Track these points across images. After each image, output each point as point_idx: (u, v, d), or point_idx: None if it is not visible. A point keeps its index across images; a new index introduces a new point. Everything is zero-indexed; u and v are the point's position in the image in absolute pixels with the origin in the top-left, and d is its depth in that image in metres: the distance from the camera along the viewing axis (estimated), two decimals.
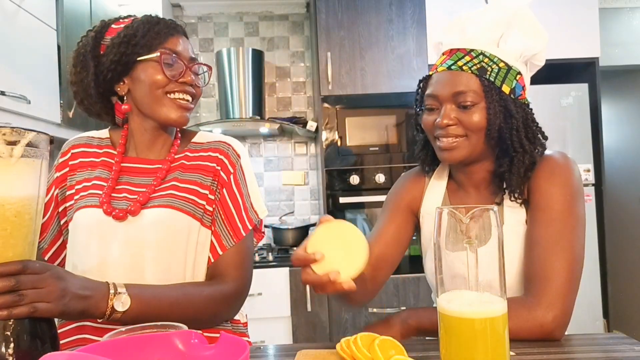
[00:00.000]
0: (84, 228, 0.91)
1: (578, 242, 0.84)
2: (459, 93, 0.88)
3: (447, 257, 0.62)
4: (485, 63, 0.89)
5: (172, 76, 0.92)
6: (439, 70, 0.93)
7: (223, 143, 1.01)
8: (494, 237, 0.59)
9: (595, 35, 2.64)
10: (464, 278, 0.60)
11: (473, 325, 0.57)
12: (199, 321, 0.88)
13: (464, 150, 0.91)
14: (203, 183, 0.96)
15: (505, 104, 0.89)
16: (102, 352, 0.56)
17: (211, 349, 0.60)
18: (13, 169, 0.60)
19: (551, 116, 2.58)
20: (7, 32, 1.50)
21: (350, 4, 2.60)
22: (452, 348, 0.59)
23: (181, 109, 0.94)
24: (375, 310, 2.49)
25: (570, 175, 0.89)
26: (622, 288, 3.27)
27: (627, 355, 0.71)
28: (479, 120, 0.88)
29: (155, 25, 0.93)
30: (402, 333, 0.85)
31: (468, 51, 0.91)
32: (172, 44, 0.94)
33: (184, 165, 0.97)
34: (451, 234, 0.61)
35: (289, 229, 2.79)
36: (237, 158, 0.99)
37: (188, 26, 3.14)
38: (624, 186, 3.52)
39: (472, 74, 0.89)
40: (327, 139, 2.60)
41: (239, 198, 0.97)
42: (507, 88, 0.90)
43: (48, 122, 1.75)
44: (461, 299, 0.60)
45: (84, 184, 0.96)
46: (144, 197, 0.91)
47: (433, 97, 0.92)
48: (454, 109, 0.90)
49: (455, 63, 0.90)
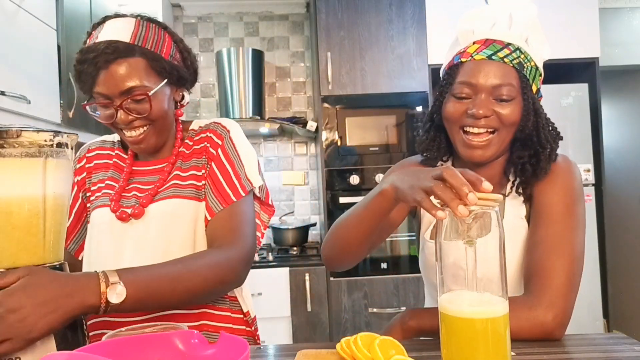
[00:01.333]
0: (97, 227, 0.95)
1: (578, 243, 0.85)
2: (500, 85, 0.86)
3: (448, 257, 0.62)
4: (522, 59, 0.88)
5: (111, 121, 0.89)
6: (476, 59, 0.88)
7: (213, 123, 1.01)
8: (495, 237, 0.59)
9: (595, 35, 2.64)
10: (464, 278, 0.59)
11: (474, 326, 0.57)
12: (207, 292, 0.85)
13: (495, 148, 0.88)
14: (198, 165, 0.96)
15: (534, 102, 0.90)
16: (102, 352, 0.56)
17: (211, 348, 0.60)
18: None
19: (551, 116, 2.53)
20: (7, 32, 1.50)
21: (350, 4, 2.60)
22: (453, 348, 0.59)
23: (133, 143, 0.92)
24: (376, 310, 2.49)
25: (572, 178, 0.90)
26: (622, 288, 3.27)
27: (627, 355, 0.71)
28: (515, 115, 0.87)
29: (84, 64, 0.86)
30: (402, 333, 0.85)
31: (506, 44, 0.88)
32: (100, 85, 0.86)
33: (184, 154, 0.98)
34: (452, 234, 0.61)
35: (289, 229, 2.79)
36: (225, 131, 0.98)
37: (188, 26, 3.15)
38: (624, 186, 3.52)
39: (513, 67, 0.87)
40: (327, 139, 2.60)
41: (229, 167, 0.95)
42: (535, 87, 0.91)
43: (48, 122, 1.75)
44: (462, 299, 0.60)
45: (98, 185, 1.00)
46: (147, 198, 0.93)
47: (469, 85, 0.87)
48: (491, 100, 0.87)
49: (495, 54, 0.87)
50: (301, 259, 2.60)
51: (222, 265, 0.85)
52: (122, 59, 0.86)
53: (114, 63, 0.85)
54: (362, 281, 2.51)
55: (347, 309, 2.50)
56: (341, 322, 2.50)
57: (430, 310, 0.87)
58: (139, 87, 0.87)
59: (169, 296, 0.79)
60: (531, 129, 0.90)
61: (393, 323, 0.88)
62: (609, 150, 3.08)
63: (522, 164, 0.91)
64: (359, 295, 2.50)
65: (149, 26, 0.92)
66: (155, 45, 0.91)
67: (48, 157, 0.64)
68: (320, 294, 2.50)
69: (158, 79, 0.90)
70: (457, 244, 0.61)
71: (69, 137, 0.67)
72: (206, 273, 0.83)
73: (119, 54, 0.85)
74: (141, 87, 0.87)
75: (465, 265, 0.59)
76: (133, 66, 0.86)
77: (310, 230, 2.94)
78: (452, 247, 0.62)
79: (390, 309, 2.48)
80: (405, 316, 0.87)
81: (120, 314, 0.85)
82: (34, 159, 0.63)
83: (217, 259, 0.85)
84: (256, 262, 2.51)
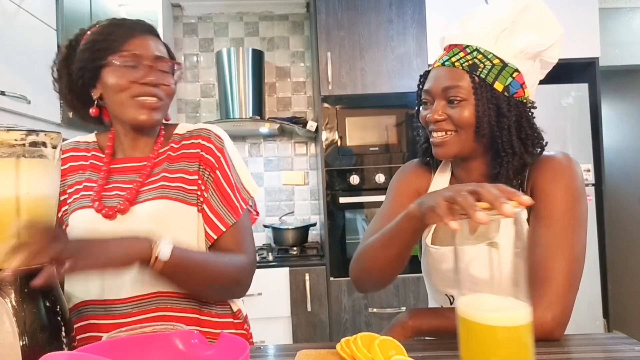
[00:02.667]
0: (81, 229, 0.93)
1: (579, 243, 0.84)
2: (447, 88, 0.90)
3: (466, 259, 0.60)
4: (477, 59, 0.88)
5: (134, 79, 0.91)
6: (435, 66, 0.95)
7: (203, 129, 1.02)
8: (517, 237, 0.57)
9: (595, 35, 2.64)
10: (484, 281, 0.57)
11: (495, 333, 0.54)
12: (224, 286, 0.93)
13: (454, 146, 0.92)
14: (189, 170, 0.97)
15: (497, 101, 0.88)
16: (102, 352, 0.56)
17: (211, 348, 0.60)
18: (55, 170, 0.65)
19: (551, 116, 2.58)
20: (7, 32, 1.50)
21: (350, 4, 2.60)
22: (472, 353, 0.57)
23: (147, 109, 0.93)
24: (376, 310, 2.49)
25: (573, 177, 0.88)
26: (622, 288, 3.27)
27: (627, 355, 0.71)
28: (467, 116, 0.89)
29: (117, 27, 0.94)
30: (403, 333, 0.85)
31: (464, 47, 0.91)
32: (134, 45, 0.92)
33: (170, 157, 0.99)
34: (471, 235, 0.59)
35: (289, 229, 2.79)
36: (220, 142, 1.01)
37: (188, 26, 3.14)
38: (624, 186, 3.52)
39: (462, 70, 0.89)
40: (327, 139, 2.60)
41: (232, 178, 0.99)
42: (500, 85, 0.89)
43: (48, 122, 1.75)
44: (482, 303, 0.57)
45: (75, 187, 0.98)
46: (132, 194, 0.92)
47: (427, 92, 0.94)
48: (444, 104, 0.91)
49: (449, 59, 0.92)
50: (301, 259, 2.60)
51: (239, 269, 0.94)
52: (155, 36, 0.98)
53: (150, 34, 0.97)
54: None
55: (347, 309, 2.50)
56: (341, 322, 2.50)
57: (430, 311, 0.87)
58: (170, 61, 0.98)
59: (199, 276, 0.87)
60: (495, 129, 0.89)
61: (393, 323, 0.88)
62: (609, 150, 3.08)
63: (494, 174, 0.91)
64: (359, 295, 2.50)
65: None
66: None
67: (20, 157, 0.61)
68: (320, 294, 2.50)
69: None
70: (476, 245, 0.59)
71: (48, 135, 0.64)
72: (227, 268, 0.92)
73: (154, 32, 0.99)
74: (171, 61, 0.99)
75: (486, 267, 0.57)
76: (162, 45, 0.99)
77: (310, 230, 2.94)
78: (470, 249, 0.60)
79: (390, 309, 2.48)
80: (405, 316, 0.87)
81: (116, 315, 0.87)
82: (3, 160, 0.60)
83: (239, 262, 0.94)
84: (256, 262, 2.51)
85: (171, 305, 0.90)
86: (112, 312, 0.88)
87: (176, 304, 0.91)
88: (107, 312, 0.89)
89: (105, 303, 0.89)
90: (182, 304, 0.92)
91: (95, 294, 0.90)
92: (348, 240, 2.57)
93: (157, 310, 0.89)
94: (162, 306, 0.90)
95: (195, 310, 0.93)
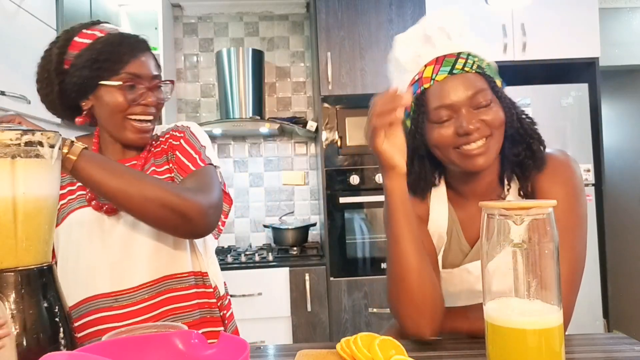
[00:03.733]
0: (84, 227, 0.95)
1: (579, 242, 0.84)
2: (475, 94, 0.84)
3: (494, 262, 0.58)
4: (477, 61, 0.88)
5: (133, 100, 0.94)
6: (438, 80, 0.86)
7: (174, 125, 1.08)
8: (549, 239, 0.56)
9: (595, 35, 2.63)
10: (512, 284, 0.56)
11: (525, 338, 0.53)
12: (161, 200, 0.82)
13: (494, 150, 0.86)
14: (169, 160, 1.01)
15: (507, 96, 0.89)
16: (102, 352, 0.56)
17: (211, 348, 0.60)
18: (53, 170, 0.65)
19: (551, 116, 2.58)
20: (7, 32, 1.50)
21: (350, 4, 2.60)
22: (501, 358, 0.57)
23: (141, 132, 0.97)
24: (375, 310, 2.49)
25: (572, 174, 0.87)
26: (622, 288, 3.27)
27: (627, 355, 0.71)
28: (500, 115, 0.86)
29: (118, 46, 0.94)
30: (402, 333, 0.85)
31: (457, 55, 0.88)
32: (135, 66, 0.94)
33: (154, 153, 1.03)
34: (500, 237, 0.58)
35: (288, 229, 2.79)
36: (185, 127, 1.05)
37: (188, 26, 3.14)
38: (624, 186, 3.52)
39: (475, 73, 0.87)
40: (327, 139, 2.60)
41: (190, 149, 1.00)
42: (499, 82, 0.90)
43: (48, 122, 1.75)
44: (510, 306, 0.56)
45: (68, 188, 1.00)
46: None
47: (446, 107, 0.85)
48: (472, 112, 0.84)
49: (454, 67, 0.86)
50: (301, 259, 2.60)
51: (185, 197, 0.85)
52: (150, 52, 1.00)
53: (147, 51, 0.99)
54: (362, 281, 2.51)
55: (347, 309, 2.50)
56: (341, 322, 2.49)
57: None
58: (162, 79, 1.01)
59: (119, 179, 0.80)
60: (516, 122, 0.89)
61: (393, 323, 0.88)
62: (609, 150, 3.08)
63: (520, 160, 0.89)
64: (359, 295, 2.50)
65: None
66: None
67: (16, 157, 0.61)
68: (320, 294, 2.50)
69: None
70: (504, 247, 0.58)
71: (45, 135, 0.64)
72: (164, 186, 0.85)
73: (149, 48, 1.00)
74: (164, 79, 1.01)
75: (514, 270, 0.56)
76: (153, 58, 1.01)
77: (310, 230, 2.94)
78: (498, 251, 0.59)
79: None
80: None
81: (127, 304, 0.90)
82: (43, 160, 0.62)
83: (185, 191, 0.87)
84: (256, 262, 2.51)
85: (174, 286, 0.96)
86: (122, 301, 0.92)
87: (179, 284, 0.97)
88: (117, 302, 0.92)
89: (115, 294, 0.92)
90: (182, 283, 0.97)
91: (104, 286, 0.92)
92: (348, 240, 2.57)
93: (164, 293, 0.94)
94: (167, 288, 0.95)
95: (192, 287, 0.98)
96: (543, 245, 0.56)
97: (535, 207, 0.56)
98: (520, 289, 0.56)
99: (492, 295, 0.59)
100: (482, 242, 0.60)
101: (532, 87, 2.59)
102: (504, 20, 2.59)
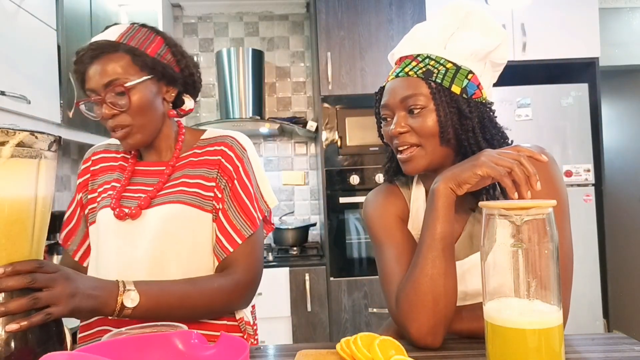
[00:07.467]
0: (103, 227, 0.96)
1: (566, 239, 0.83)
2: (406, 97, 0.86)
3: (492, 261, 0.59)
4: (431, 66, 0.87)
5: (97, 116, 0.92)
6: (389, 80, 0.92)
7: (228, 137, 1.01)
8: (548, 239, 0.56)
9: (595, 35, 2.64)
10: (512, 284, 0.56)
11: (525, 337, 0.53)
12: (212, 311, 0.92)
13: (423, 160, 0.87)
14: (208, 176, 0.97)
15: (457, 104, 0.86)
16: (102, 352, 0.56)
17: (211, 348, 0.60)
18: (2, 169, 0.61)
19: (551, 116, 2.59)
20: (7, 32, 1.50)
21: (350, 4, 2.60)
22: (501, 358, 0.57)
23: (121, 140, 0.94)
24: (375, 310, 2.49)
25: (551, 170, 0.86)
26: (622, 288, 3.27)
27: (627, 355, 0.71)
28: (430, 124, 0.85)
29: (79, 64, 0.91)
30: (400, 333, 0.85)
31: (415, 57, 0.89)
32: (87, 80, 0.91)
33: (192, 162, 0.99)
34: (500, 237, 0.58)
35: (289, 229, 2.79)
36: (242, 151, 0.99)
37: (188, 26, 3.15)
38: (624, 186, 3.52)
39: (418, 77, 0.87)
40: (327, 139, 2.60)
41: (250, 188, 0.98)
42: (458, 88, 0.87)
43: (48, 122, 1.75)
44: (510, 306, 0.56)
45: (104, 186, 1.01)
46: (146, 201, 0.94)
47: (385, 106, 0.91)
48: (405, 116, 0.87)
49: (402, 70, 0.89)
50: (301, 259, 2.60)
51: (229, 291, 0.91)
52: (105, 55, 0.89)
53: (98, 59, 0.89)
54: (362, 281, 2.52)
55: (347, 309, 2.50)
56: (341, 322, 2.50)
57: None
58: (119, 80, 0.89)
59: (177, 311, 0.85)
60: (459, 132, 0.86)
61: (390, 322, 0.88)
62: (609, 150, 3.08)
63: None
64: (359, 295, 2.50)
65: (140, 29, 0.95)
66: (141, 43, 0.93)
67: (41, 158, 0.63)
68: (320, 294, 2.50)
69: (141, 74, 0.91)
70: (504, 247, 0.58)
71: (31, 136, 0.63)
72: (214, 296, 0.89)
73: (102, 50, 0.89)
74: (121, 80, 0.89)
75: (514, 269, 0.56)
76: (114, 60, 0.89)
77: (310, 230, 2.94)
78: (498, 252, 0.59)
79: None
80: None
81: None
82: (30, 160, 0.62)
83: (227, 284, 0.91)
84: None
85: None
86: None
87: None
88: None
89: None
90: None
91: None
92: (348, 240, 2.57)
93: None
94: None
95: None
96: (543, 245, 0.56)
97: (535, 207, 0.56)
98: (520, 289, 0.57)
99: (492, 296, 0.59)
100: (482, 242, 0.61)
101: (532, 87, 2.59)
102: (504, 20, 2.59)
